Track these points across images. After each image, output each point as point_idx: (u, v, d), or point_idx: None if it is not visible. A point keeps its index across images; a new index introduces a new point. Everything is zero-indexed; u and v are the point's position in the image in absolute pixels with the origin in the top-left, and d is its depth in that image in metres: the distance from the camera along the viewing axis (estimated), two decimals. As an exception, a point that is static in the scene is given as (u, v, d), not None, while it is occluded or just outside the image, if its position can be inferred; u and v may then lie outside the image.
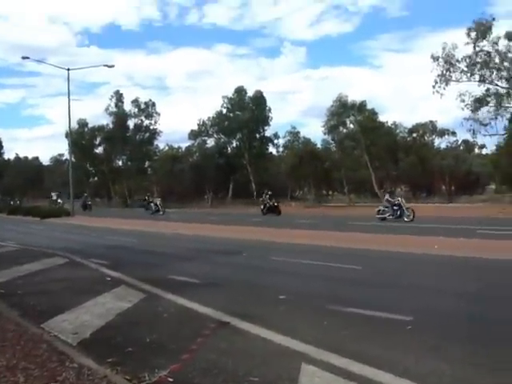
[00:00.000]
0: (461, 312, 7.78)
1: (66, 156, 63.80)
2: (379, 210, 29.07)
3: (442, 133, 69.26)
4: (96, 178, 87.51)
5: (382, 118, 66.34)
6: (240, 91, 72.05)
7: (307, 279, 11.21)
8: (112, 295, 9.54)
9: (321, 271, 12.16)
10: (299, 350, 5.96)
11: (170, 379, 5.20)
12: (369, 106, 63.97)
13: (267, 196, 40.95)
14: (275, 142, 75.26)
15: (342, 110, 62.52)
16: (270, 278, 11.50)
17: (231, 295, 9.60)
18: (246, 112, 70.55)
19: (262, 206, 41.16)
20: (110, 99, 76.39)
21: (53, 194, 62.72)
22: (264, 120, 72.06)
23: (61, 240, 22.83)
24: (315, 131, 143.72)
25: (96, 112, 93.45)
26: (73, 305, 8.66)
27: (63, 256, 15.74)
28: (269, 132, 73.93)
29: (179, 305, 8.60)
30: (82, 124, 78.56)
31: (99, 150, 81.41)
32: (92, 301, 8.98)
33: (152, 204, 45.69)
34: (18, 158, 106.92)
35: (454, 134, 68.19)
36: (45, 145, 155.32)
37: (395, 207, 27.74)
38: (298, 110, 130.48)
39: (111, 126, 77.10)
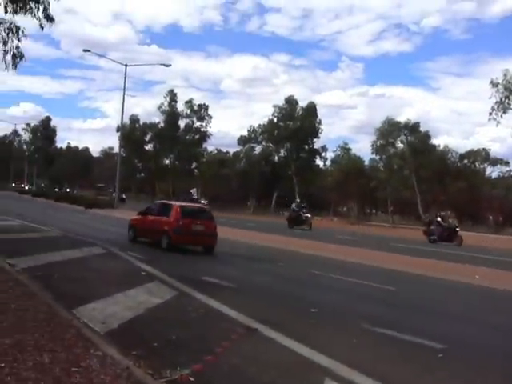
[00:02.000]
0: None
1: (116, 149, 64.78)
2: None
3: (495, 161, 67.90)
4: (142, 174, 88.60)
5: (434, 141, 65.56)
6: (291, 101, 71.98)
7: (341, 295, 11.05)
8: (144, 289, 9.58)
9: (356, 288, 11.97)
10: (324, 365, 5.84)
11: (191, 379, 5.16)
12: (422, 128, 63.24)
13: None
14: (323, 155, 74.90)
15: (392, 129, 61.86)
16: (304, 290, 11.37)
17: (263, 303, 9.53)
18: (296, 122, 70.45)
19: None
20: (165, 98, 77.34)
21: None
22: (313, 132, 71.77)
23: (101, 230, 23.14)
24: (365, 148, 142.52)
25: (149, 109, 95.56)
26: (105, 295, 8.73)
27: (102, 246, 15.93)
28: (317, 144, 73.63)
29: (209, 306, 8.56)
30: (134, 120, 79.91)
31: (149, 146, 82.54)
32: (124, 293, 9.04)
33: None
34: (69, 148, 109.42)
35: (507, 163, 66.80)
36: (96, 137, 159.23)
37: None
38: (350, 126, 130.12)
39: (162, 124, 78.01)
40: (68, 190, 69.59)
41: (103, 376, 4.76)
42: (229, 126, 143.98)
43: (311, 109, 71.52)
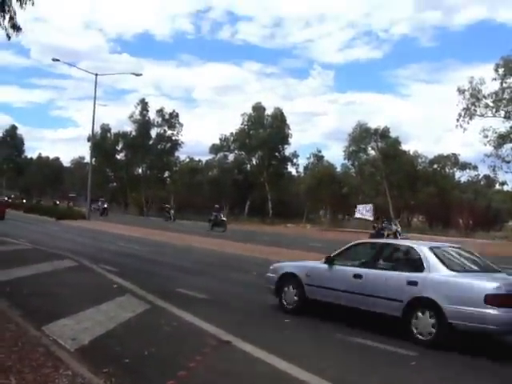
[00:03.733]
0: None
1: (88, 159, 64.13)
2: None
3: (464, 166, 68.84)
4: (115, 184, 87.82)
5: (404, 146, 66.27)
6: (258, 108, 71.94)
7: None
8: (116, 303, 9.44)
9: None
10: (302, 379, 5.76)
11: (164, 396, 5.10)
12: (392, 134, 63.89)
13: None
14: (294, 161, 75.11)
15: (364, 135, 62.36)
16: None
17: (237, 314, 9.45)
18: (266, 130, 70.51)
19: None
20: (136, 107, 76.94)
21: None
22: (283, 139, 71.82)
23: (73, 243, 22.81)
24: (337, 155, 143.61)
25: (121, 119, 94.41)
26: (76, 310, 8.57)
27: (73, 259, 15.67)
28: (288, 151, 73.77)
29: (182, 319, 8.47)
30: (105, 129, 79.13)
31: (120, 156, 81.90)
32: (95, 307, 8.88)
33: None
34: (40, 158, 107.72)
35: (475, 168, 67.75)
36: (68, 147, 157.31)
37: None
38: (322, 133, 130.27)
39: (134, 133, 77.51)
40: (40, 201, 67.40)
41: (73, 397, 4.65)
42: (202, 135, 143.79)
43: (278, 115, 71.53)
